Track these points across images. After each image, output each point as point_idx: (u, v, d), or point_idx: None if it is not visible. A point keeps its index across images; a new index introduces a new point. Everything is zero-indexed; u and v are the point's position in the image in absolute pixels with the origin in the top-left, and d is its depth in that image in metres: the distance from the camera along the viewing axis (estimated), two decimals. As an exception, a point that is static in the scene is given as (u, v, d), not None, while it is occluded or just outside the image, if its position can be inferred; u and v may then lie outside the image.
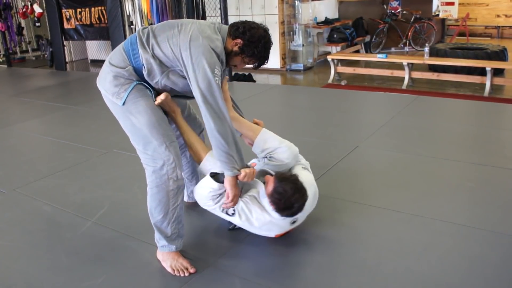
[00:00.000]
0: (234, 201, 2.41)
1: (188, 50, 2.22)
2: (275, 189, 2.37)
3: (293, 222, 2.52)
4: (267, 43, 2.38)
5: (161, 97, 2.40)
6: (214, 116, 2.21)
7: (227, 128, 2.24)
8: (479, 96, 6.40)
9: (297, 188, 2.39)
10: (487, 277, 2.27)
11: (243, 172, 2.32)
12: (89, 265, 2.54)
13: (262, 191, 2.49)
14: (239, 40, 2.33)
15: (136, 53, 2.33)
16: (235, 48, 2.35)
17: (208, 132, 2.26)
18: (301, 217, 2.54)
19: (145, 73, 2.34)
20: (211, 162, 2.57)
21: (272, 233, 2.53)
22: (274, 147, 2.64)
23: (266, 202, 2.44)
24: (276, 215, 2.43)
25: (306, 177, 2.60)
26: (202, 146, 2.65)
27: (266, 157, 2.67)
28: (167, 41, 2.28)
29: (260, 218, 2.44)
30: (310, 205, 2.54)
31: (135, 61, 2.35)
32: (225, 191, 2.41)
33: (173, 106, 2.54)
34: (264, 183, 2.51)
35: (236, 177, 2.34)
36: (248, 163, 2.46)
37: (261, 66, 2.47)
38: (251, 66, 2.46)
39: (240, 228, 2.63)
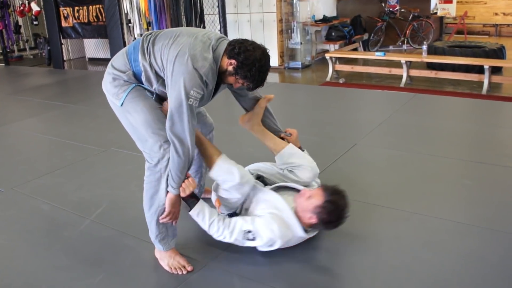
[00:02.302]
0: (170, 217, 2.38)
1: (172, 66, 2.21)
2: (330, 201, 2.34)
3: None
4: (263, 67, 2.27)
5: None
6: (175, 137, 2.20)
7: (186, 150, 2.22)
8: (477, 94, 6.40)
9: (347, 203, 2.39)
10: (484, 274, 2.27)
11: (180, 189, 2.31)
12: (87, 263, 2.54)
13: (285, 206, 2.43)
14: (233, 61, 2.26)
15: (136, 59, 2.34)
16: (230, 68, 2.28)
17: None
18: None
19: (143, 79, 2.35)
20: (219, 169, 2.47)
21: (289, 245, 2.48)
22: (298, 164, 2.67)
23: (292, 216, 2.40)
24: (301, 232, 2.40)
25: None
26: (212, 151, 2.52)
27: (287, 169, 2.70)
28: (160, 51, 2.28)
29: (285, 234, 2.38)
30: None
31: (135, 66, 2.36)
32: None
33: None
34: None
35: (176, 196, 2.33)
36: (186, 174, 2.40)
37: (257, 89, 2.41)
38: (246, 87, 2.38)
39: None
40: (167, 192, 2.34)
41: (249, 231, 2.36)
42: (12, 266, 2.56)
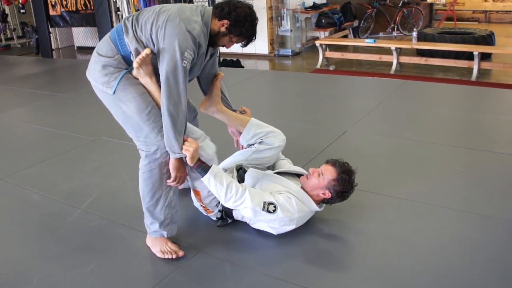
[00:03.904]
0: (177, 181, 2.39)
1: (163, 30, 2.22)
2: (344, 172, 2.47)
3: None
4: (254, 21, 2.38)
5: (147, 51, 2.26)
6: (170, 98, 2.20)
7: (180, 112, 2.24)
8: (467, 81, 6.43)
9: (354, 172, 2.53)
10: (475, 259, 2.30)
11: (184, 151, 2.27)
12: (79, 253, 2.54)
13: (295, 187, 2.52)
14: (225, 21, 2.32)
15: (122, 42, 2.33)
16: (222, 29, 2.34)
17: (162, 112, 2.24)
18: None
19: (133, 59, 2.32)
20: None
21: (296, 226, 2.50)
22: (267, 131, 2.76)
23: (304, 194, 2.50)
24: (315, 206, 2.51)
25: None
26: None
27: (256, 142, 2.75)
28: (146, 23, 2.28)
29: (301, 209, 2.47)
30: None
31: (123, 50, 2.34)
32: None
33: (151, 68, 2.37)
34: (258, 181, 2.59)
35: (181, 159, 2.33)
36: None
37: (250, 43, 2.47)
38: (240, 44, 2.45)
39: (228, 225, 2.65)
40: (170, 177, 2.37)
41: (271, 203, 2.39)
42: (2, 256, 2.56)
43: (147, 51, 2.25)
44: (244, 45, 2.46)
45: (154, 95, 2.35)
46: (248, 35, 2.39)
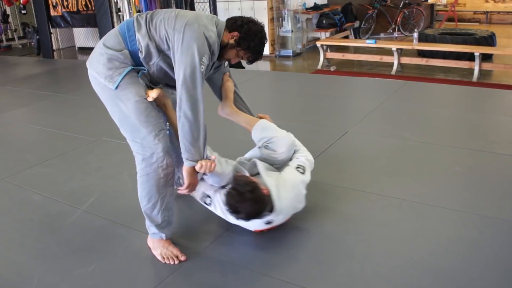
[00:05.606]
0: (189, 189, 2.41)
1: (182, 33, 2.21)
2: (226, 193, 2.36)
3: (268, 223, 2.47)
4: (263, 38, 2.41)
5: (153, 94, 2.35)
6: (188, 104, 2.20)
7: (199, 117, 2.23)
8: (468, 81, 6.43)
9: (245, 197, 2.27)
10: (475, 260, 2.29)
11: (199, 164, 2.29)
12: (79, 253, 2.54)
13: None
14: (235, 33, 2.34)
15: (132, 37, 2.31)
16: (231, 41, 2.36)
17: (178, 118, 2.24)
18: (277, 219, 2.48)
19: (141, 56, 2.31)
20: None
21: (249, 228, 2.51)
22: (270, 136, 2.70)
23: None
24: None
25: (288, 180, 2.53)
26: None
27: (263, 146, 2.74)
28: (162, 23, 2.27)
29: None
30: (288, 207, 2.49)
31: (131, 45, 2.32)
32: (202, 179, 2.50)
33: (164, 100, 2.49)
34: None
35: (194, 168, 2.32)
36: (210, 155, 2.40)
37: (255, 62, 2.47)
38: (246, 61, 2.46)
39: (229, 227, 2.63)
40: (166, 181, 2.35)
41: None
42: (3, 257, 2.56)
43: (153, 94, 2.33)
44: (250, 62, 2.47)
45: (171, 123, 2.47)
46: (255, 51, 2.40)
